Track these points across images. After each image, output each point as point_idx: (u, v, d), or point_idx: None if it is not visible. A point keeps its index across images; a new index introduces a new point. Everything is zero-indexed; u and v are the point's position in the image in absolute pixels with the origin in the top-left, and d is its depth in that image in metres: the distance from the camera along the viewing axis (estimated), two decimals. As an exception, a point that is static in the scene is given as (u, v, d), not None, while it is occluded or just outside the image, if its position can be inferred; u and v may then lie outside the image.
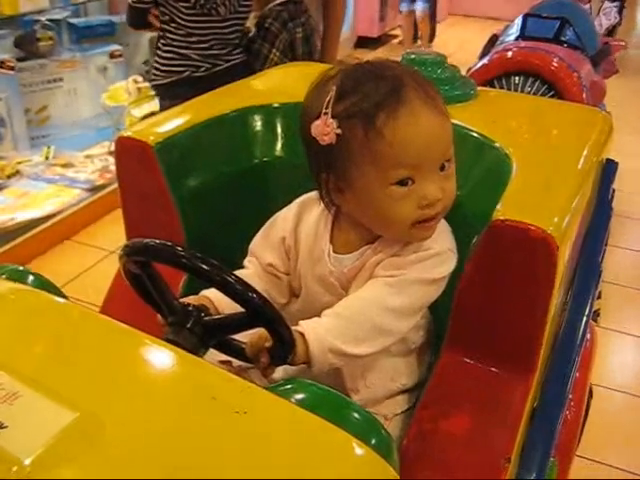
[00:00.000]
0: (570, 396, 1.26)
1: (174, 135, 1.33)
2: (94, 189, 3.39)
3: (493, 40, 3.68)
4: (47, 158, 3.60)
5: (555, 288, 1.02)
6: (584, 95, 2.99)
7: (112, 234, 2.99)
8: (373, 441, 0.73)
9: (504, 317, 1.07)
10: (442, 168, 1.01)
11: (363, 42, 6.48)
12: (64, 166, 3.60)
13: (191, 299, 1.05)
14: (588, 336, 1.61)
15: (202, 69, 2.22)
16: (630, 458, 2.15)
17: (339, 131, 0.98)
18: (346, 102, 0.99)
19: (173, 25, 2.19)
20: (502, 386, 1.06)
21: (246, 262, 1.20)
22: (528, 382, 1.06)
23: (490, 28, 4.33)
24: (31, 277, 0.99)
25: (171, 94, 2.24)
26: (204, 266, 0.90)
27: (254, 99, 1.48)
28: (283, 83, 1.65)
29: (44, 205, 3.18)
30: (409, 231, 1.03)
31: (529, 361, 1.07)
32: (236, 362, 1.14)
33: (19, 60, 3.50)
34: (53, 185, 3.41)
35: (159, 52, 2.27)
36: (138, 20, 2.34)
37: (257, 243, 1.20)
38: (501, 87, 3.04)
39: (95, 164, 3.62)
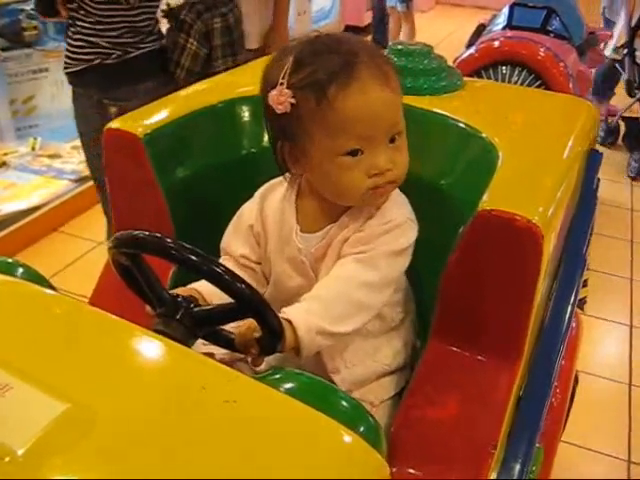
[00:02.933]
0: (556, 383, 1.28)
1: (162, 126, 1.33)
2: (81, 180, 3.37)
3: (480, 30, 3.70)
4: (34, 149, 3.58)
5: (540, 277, 1.03)
6: (570, 85, 3.01)
7: (100, 225, 2.97)
8: (361, 428, 0.75)
9: (490, 306, 1.08)
10: (392, 140, 1.05)
11: (351, 31, 6.46)
12: (51, 157, 3.58)
13: (180, 291, 1.05)
14: (574, 324, 1.63)
15: (113, 56, 2.18)
16: (615, 444, 2.19)
17: (293, 101, 1.02)
18: (301, 73, 1.03)
19: (82, 13, 2.15)
20: (488, 374, 1.07)
21: (221, 261, 1.19)
22: (514, 370, 1.07)
23: (477, 17, 4.34)
24: (20, 269, 0.99)
25: (83, 82, 2.23)
26: (193, 257, 0.90)
27: (242, 90, 1.48)
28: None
29: (31, 196, 3.17)
30: (362, 198, 1.08)
31: (515, 349, 1.08)
32: (219, 354, 1.15)
33: (4, 50, 3.47)
34: (40, 176, 3.40)
35: (69, 40, 2.22)
36: (46, 8, 2.29)
37: (227, 239, 1.22)
38: (488, 77, 3.05)
39: (82, 155, 3.59)
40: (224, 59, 2.33)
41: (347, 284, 1.05)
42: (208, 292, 1.05)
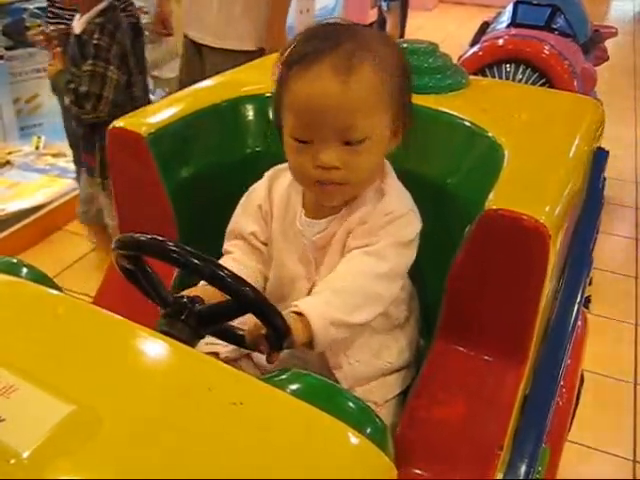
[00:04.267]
0: (562, 383, 1.28)
1: (166, 125, 1.32)
2: (85, 179, 3.37)
3: (484, 27, 3.68)
4: (37, 148, 3.58)
5: (547, 277, 1.02)
6: (575, 83, 3.00)
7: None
8: (368, 430, 0.74)
9: (496, 306, 1.07)
10: (348, 143, 1.02)
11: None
12: (55, 156, 3.58)
13: (187, 292, 1.05)
14: (579, 323, 1.62)
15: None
16: (620, 443, 2.18)
17: (274, 77, 1.06)
18: (289, 51, 1.05)
19: None
20: (494, 374, 1.07)
21: (229, 247, 1.21)
22: (520, 370, 1.07)
23: (481, 15, 4.33)
24: (25, 269, 0.99)
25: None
26: (195, 260, 0.89)
27: (246, 89, 1.47)
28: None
29: (35, 195, 3.17)
30: (312, 188, 1.09)
31: (521, 349, 1.07)
32: (223, 353, 1.15)
33: (8, 49, 3.47)
34: (44, 175, 3.40)
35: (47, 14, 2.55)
36: None
37: (236, 219, 1.22)
38: (492, 75, 3.04)
39: (86, 154, 3.60)
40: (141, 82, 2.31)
41: (359, 275, 1.05)
42: (211, 295, 1.05)
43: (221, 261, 1.16)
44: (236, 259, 1.18)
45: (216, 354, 1.16)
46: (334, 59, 0.99)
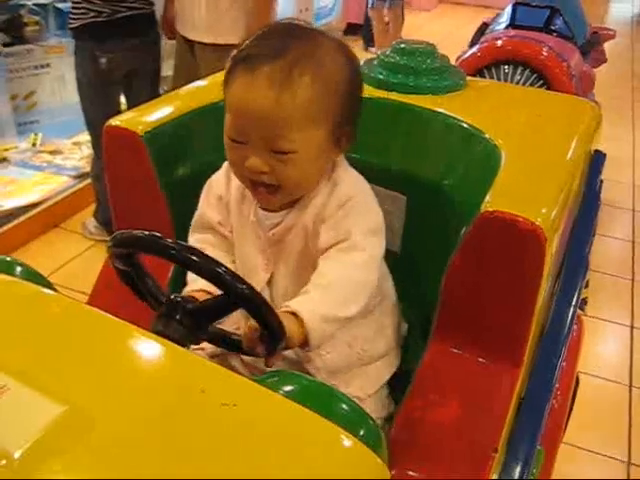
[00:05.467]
0: (557, 385, 1.27)
1: (163, 124, 1.32)
2: (82, 176, 3.37)
3: (483, 29, 3.68)
4: (34, 145, 3.57)
5: (543, 279, 1.02)
6: (573, 84, 3.00)
7: (101, 223, 2.98)
8: (361, 432, 0.74)
9: (492, 308, 1.07)
10: (276, 152, 1.01)
11: (353, 29, 6.45)
12: (52, 153, 3.57)
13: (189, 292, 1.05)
14: (575, 325, 1.62)
15: (103, 15, 2.58)
16: (616, 445, 2.18)
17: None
18: (242, 46, 1.05)
19: None
20: (489, 376, 1.07)
21: (198, 242, 1.19)
22: (515, 372, 1.07)
23: (480, 16, 4.33)
24: (19, 268, 0.99)
25: (80, 36, 2.67)
26: (192, 257, 0.89)
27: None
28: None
29: (32, 192, 3.16)
30: (248, 187, 1.09)
31: (516, 352, 1.07)
32: (209, 349, 1.15)
33: (5, 45, 3.45)
34: (41, 172, 3.39)
35: (72, 2, 2.64)
36: None
37: (202, 211, 1.21)
38: (491, 76, 3.04)
39: (83, 151, 3.60)
40: None
41: (341, 270, 1.05)
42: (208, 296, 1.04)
43: None
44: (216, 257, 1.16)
45: (202, 349, 1.16)
46: (273, 69, 0.98)
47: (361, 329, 1.19)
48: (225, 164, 1.21)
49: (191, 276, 1.11)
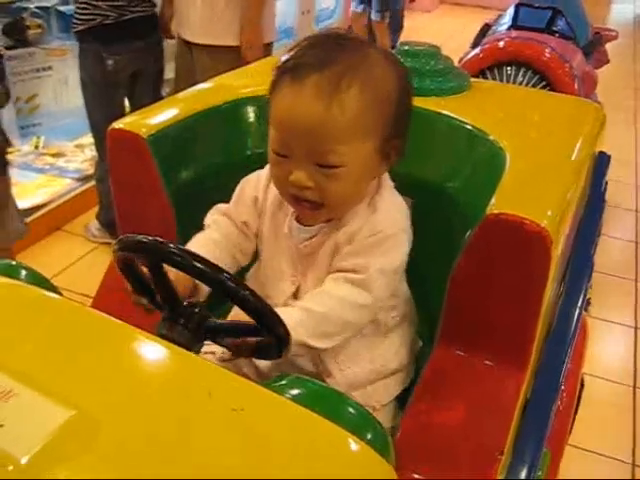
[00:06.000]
0: (562, 387, 1.27)
1: (167, 127, 1.32)
2: (84, 179, 3.37)
3: (485, 30, 3.68)
4: (37, 147, 3.57)
5: (549, 282, 1.02)
6: (576, 86, 3.00)
7: (103, 224, 2.98)
8: (369, 436, 0.74)
9: (497, 310, 1.07)
10: (322, 166, 0.99)
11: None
12: (54, 156, 3.57)
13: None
14: (580, 327, 1.61)
15: (110, 18, 2.62)
16: (619, 446, 2.18)
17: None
18: (287, 56, 1.02)
19: None
20: (495, 379, 1.06)
21: (211, 222, 1.18)
22: (521, 375, 1.06)
23: (482, 17, 4.33)
24: (23, 272, 0.98)
25: (87, 39, 2.68)
26: (198, 264, 0.88)
27: (246, 90, 1.47)
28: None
29: (34, 195, 3.16)
30: (290, 202, 1.07)
31: (522, 354, 1.07)
32: (219, 353, 1.14)
33: (8, 48, 3.45)
34: (43, 175, 3.39)
35: (77, 4, 2.68)
36: None
37: (230, 205, 1.20)
38: (493, 77, 3.04)
39: (85, 154, 3.60)
40: None
41: (341, 305, 1.03)
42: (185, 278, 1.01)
43: (197, 235, 1.15)
44: (211, 240, 1.14)
45: (212, 353, 1.16)
46: (321, 80, 0.96)
47: (382, 346, 1.18)
48: (267, 167, 1.17)
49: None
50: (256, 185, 1.18)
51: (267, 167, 1.17)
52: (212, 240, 1.14)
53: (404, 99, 1.05)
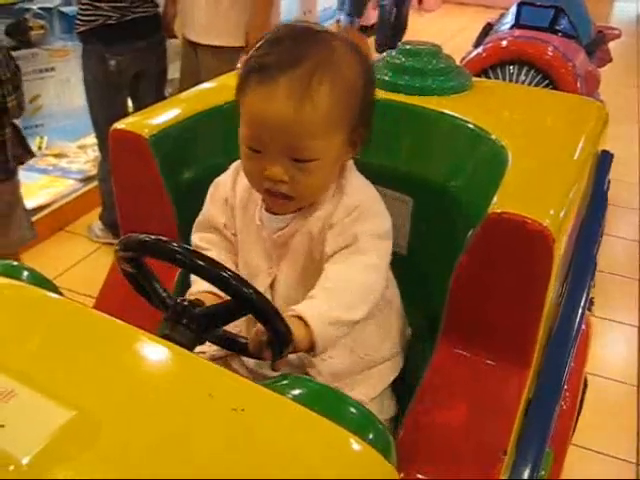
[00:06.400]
0: (565, 387, 1.27)
1: (169, 127, 1.32)
2: (87, 179, 3.37)
3: (487, 29, 3.68)
4: (40, 148, 3.58)
5: (551, 281, 1.01)
6: (578, 84, 2.99)
7: (106, 225, 2.98)
8: (370, 436, 0.73)
9: (500, 309, 1.07)
10: (297, 160, 1.01)
11: (361, 30, 6.43)
12: (57, 156, 3.57)
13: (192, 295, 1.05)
14: (583, 326, 1.61)
15: (113, 18, 2.63)
16: (623, 446, 2.17)
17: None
18: (250, 55, 1.04)
19: None
20: (498, 378, 1.06)
21: (202, 242, 1.19)
22: (524, 374, 1.06)
23: (484, 16, 4.32)
24: (25, 272, 0.98)
25: (89, 40, 2.70)
26: (199, 261, 0.89)
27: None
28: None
29: (37, 196, 3.16)
30: (264, 196, 1.09)
31: (525, 353, 1.07)
32: (210, 351, 1.14)
33: (10, 49, 3.45)
34: (46, 176, 3.39)
35: (79, 5, 2.70)
36: None
37: (208, 213, 1.20)
38: (495, 76, 3.03)
39: (88, 154, 3.60)
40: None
41: (348, 273, 1.04)
42: (214, 299, 1.04)
43: None
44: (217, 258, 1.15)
45: (202, 353, 1.16)
46: (292, 79, 0.97)
47: (363, 334, 1.17)
48: (232, 166, 1.21)
49: (195, 276, 1.11)
50: (224, 187, 1.20)
51: (231, 168, 1.21)
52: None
53: (369, 90, 1.08)
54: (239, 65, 1.06)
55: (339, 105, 1.01)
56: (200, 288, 1.08)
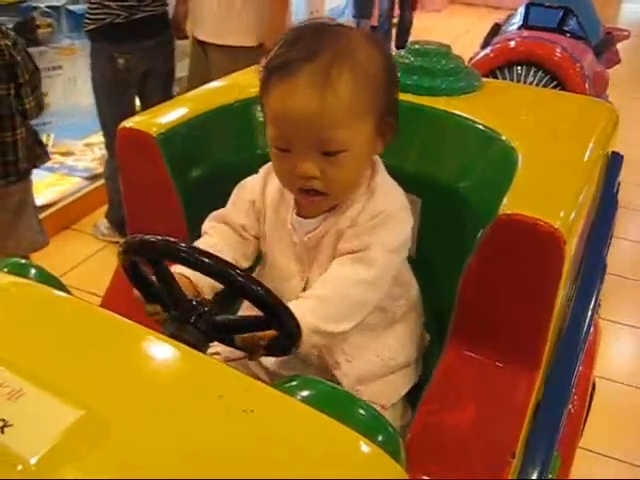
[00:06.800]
0: (574, 390, 1.26)
1: (177, 125, 1.32)
2: (94, 177, 3.38)
3: (495, 29, 3.67)
4: (46, 146, 3.58)
5: (561, 283, 1.01)
6: (587, 85, 2.99)
7: (112, 223, 2.98)
8: (380, 438, 0.73)
9: (509, 311, 1.06)
10: (326, 154, 1.01)
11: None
12: (64, 154, 3.58)
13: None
14: (592, 329, 1.60)
15: (121, 17, 2.64)
16: (630, 449, 2.16)
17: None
18: (272, 55, 1.04)
19: None
20: (507, 381, 1.06)
21: (208, 229, 1.19)
22: (533, 377, 1.05)
23: (491, 17, 4.31)
24: (33, 270, 0.98)
25: (98, 38, 2.72)
26: (205, 260, 0.89)
27: (257, 89, 1.46)
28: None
29: (43, 194, 3.16)
30: (298, 195, 1.09)
31: (534, 356, 1.06)
32: (224, 353, 1.14)
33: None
34: (53, 173, 3.40)
35: (88, 4, 2.72)
36: None
37: (227, 209, 1.20)
38: (503, 77, 3.03)
39: (95, 152, 3.61)
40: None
41: (346, 283, 1.04)
42: (195, 277, 1.03)
43: (196, 242, 1.15)
44: (212, 245, 1.14)
45: (216, 354, 1.15)
46: (311, 73, 0.98)
47: (390, 338, 1.18)
48: (262, 169, 1.20)
49: None
50: (252, 189, 1.19)
51: (261, 171, 1.20)
52: (211, 245, 1.13)
53: (391, 77, 1.08)
54: (260, 68, 1.05)
55: (361, 93, 1.01)
56: (177, 270, 1.05)
